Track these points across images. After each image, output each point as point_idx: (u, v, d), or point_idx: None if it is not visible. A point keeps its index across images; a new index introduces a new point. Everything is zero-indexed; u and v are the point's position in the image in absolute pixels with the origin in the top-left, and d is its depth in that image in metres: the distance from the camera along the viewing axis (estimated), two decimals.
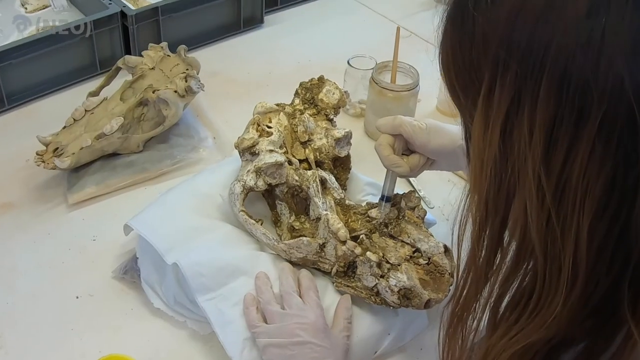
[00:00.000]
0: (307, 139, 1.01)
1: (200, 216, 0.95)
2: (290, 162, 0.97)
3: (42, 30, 1.32)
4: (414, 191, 0.94)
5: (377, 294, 0.86)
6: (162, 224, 0.93)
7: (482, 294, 0.51)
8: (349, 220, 0.94)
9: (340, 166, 1.04)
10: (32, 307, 0.91)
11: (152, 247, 0.89)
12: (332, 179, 0.99)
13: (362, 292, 0.87)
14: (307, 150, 1.00)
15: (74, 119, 1.09)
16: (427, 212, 0.92)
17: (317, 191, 0.94)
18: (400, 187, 0.95)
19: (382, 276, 0.86)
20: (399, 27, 1.19)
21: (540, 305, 0.46)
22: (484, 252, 0.49)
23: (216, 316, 0.85)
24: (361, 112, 1.29)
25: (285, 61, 1.44)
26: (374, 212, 0.94)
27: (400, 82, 1.19)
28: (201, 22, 1.43)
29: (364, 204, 0.97)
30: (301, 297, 0.85)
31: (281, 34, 1.54)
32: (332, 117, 1.06)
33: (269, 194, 0.98)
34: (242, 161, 0.98)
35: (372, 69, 1.20)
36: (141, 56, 1.17)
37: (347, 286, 0.88)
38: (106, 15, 1.28)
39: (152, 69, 1.15)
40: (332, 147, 1.01)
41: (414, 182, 1.13)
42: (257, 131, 0.99)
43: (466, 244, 0.52)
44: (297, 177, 0.95)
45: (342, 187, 1.02)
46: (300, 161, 1.00)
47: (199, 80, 1.14)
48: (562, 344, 0.49)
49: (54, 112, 1.20)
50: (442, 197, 1.10)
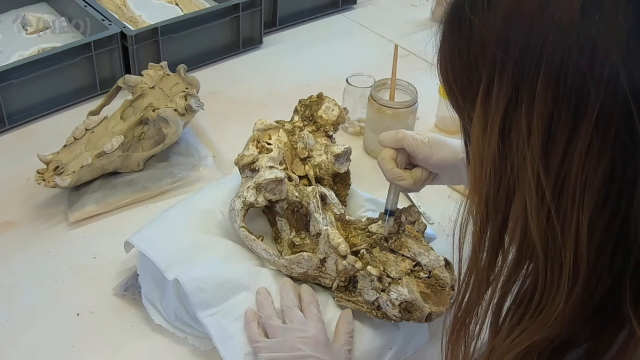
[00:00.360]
0: (306, 155, 1.02)
1: (200, 232, 0.95)
2: (290, 179, 0.97)
3: (42, 51, 1.33)
4: (413, 205, 0.94)
5: (378, 308, 0.86)
6: (162, 241, 0.93)
7: (484, 297, 0.51)
8: (350, 235, 0.95)
9: (340, 182, 1.04)
10: (32, 324, 0.90)
11: (153, 263, 0.89)
12: (332, 194, 0.99)
13: (363, 307, 0.87)
14: (306, 166, 1.01)
15: (75, 138, 1.09)
16: (427, 226, 0.93)
17: (317, 207, 0.94)
18: (399, 203, 0.95)
19: (383, 290, 0.86)
20: (397, 45, 1.20)
21: (542, 304, 0.46)
22: (485, 254, 0.50)
23: (217, 331, 0.85)
24: (360, 130, 1.30)
25: (284, 81, 1.45)
26: (374, 227, 0.94)
27: (398, 100, 1.19)
28: (200, 43, 1.44)
29: (364, 220, 0.97)
30: (302, 311, 0.85)
31: (280, 54, 1.55)
32: (331, 133, 1.06)
33: (269, 210, 0.99)
34: (242, 178, 0.99)
35: (371, 86, 1.21)
36: (141, 75, 1.17)
37: (348, 300, 0.88)
38: (106, 36, 1.29)
39: (152, 88, 1.16)
40: (332, 163, 1.01)
41: (414, 199, 1.14)
42: (256, 148, 0.99)
43: (467, 248, 0.52)
44: (297, 193, 0.95)
45: (342, 203, 1.02)
46: (300, 177, 1.00)
47: (199, 99, 1.15)
48: (564, 344, 0.49)
49: (54, 132, 1.21)
50: (442, 213, 1.11)
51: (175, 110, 1.11)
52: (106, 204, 1.08)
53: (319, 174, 1.01)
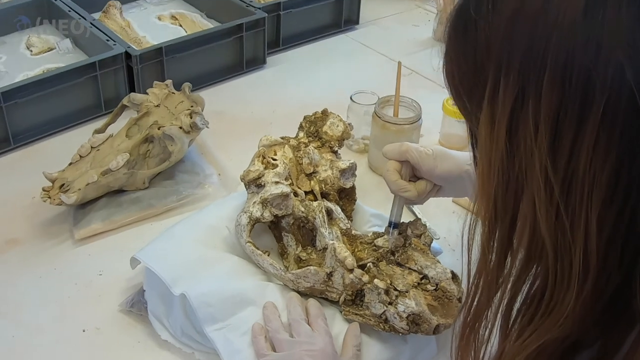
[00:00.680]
0: (312, 170, 1.02)
1: (206, 248, 0.95)
2: (296, 194, 0.97)
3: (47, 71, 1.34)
4: (419, 219, 0.94)
5: (386, 321, 0.86)
6: (168, 256, 0.93)
7: (493, 299, 0.51)
8: (356, 250, 0.94)
9: (345, 198, 1.04)
10: (38, 341, 0.90)
11: (159, 279, 0.89)
12: (338, 209, 0.99)
13: (370, 320, 0.87)
14: (312, 182, 1.01)
15: (80, 156, 1.09)
16: (433, 239, 0.92)
17: (324, 221, 0.94)
18: (405, 218, 0.95)
19: (390, 303, 0.85)
20: (400, 62, 1.21)
21: (553, 303, 0.46)
22: (494, 255, 0.49)
23: (224, 346, 0.84)
24: (364, 148, 1.30)
25: (288, 100, 1.45)
26: (380, 241, 0.94)
27: (402, 116, 1.20)
28: (205, 63, 1.45)
29: (370, 234, 0.97)
30: (310, 325, 0.85)
31: (284, 74, 1.56)
32: (336, 149, 1.07)
33: (275, 226, 0.99)
34: (248, 193, 0.99)
35: (375, 104, 1.21)
36: (146, 94, 1.18)
37: (356, 314, 0.88)
38: (111, 55, 1.30)
39: (157, 106, 1.16)
40: (337, 179, 1.01)
41: (419, 214, 1.14)
42: (262, 163, 0.99)
43: (476, 251, 0.52)
44: (303, 208, 0.95)
45: (348, 218, 1.02)
46: (305, 193, 1.00)
47: (204, 116, 1.15)
48: (575, 345, 0.49)
49: (59, 152, 1.21)
50: (448, 228, 1.10)
51: (180, 127, 1.12)
52: (112, 222, 1.08)
53: (324, 189, 1.01)
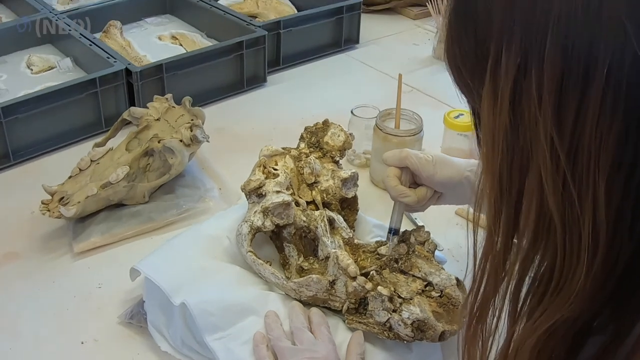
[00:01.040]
0: (313, 180, 1.01)
1: (207, 258, 0.94)
2: (297, 203, 0.96)
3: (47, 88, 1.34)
4: (422, 226, 0.93)
5: (390, 328, 0.84)
6: (169, 267, 0.92)
7: (501, 284, 0.49)
8: (359, 259, 0.93)
9: (347, 208, 1.03)
10: (35, 353, 0.88)
11: (159, 290, 0.88)
12: (340, 219, 0.98)
13: (374, 328, 0.85)
14: (313, 192, 1.00)
15: (80, 169, 1.09)
16: (437, 246, 0.91)
17: (325, 230, 0.93)
18: (405, 228, 0.94)
19: (394, 310, 0.84)
20: (400, 75, 1.21)
21: (562, 280, 0.45)
22: (500, 235, 0.48)
23: (225, 355, 0.83)
24: (366, 162, 1.29)
25: (289, 116, 1.45)
26: (383, 250, 0.93)
27: (404, 128, 1.19)
28: (205, 80, 1.45)
29: (373, 243, 0.96)
30: (312, 333, 0.83)
31: (284, 92, 1.56)
32: (337, 159, 1.06)
33: (277, 236, 0.97)
34: (249, 204, 0.98)
35: (376, 117, 1.21)
36: (146, 108, 1.18)
37: (359, 322, 0.86)
38: (111, 72, 1.30)
39: (158, 119, 1.16)
40: (339, 188, 1.00)
41: (419, 223, 1.12)
42: (263, 173, 0.99)
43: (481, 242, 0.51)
44: (304, 218, 0.94)
45: (350, 228, 1.01)
46: (307, 203, 0.99)
47: (204, 130, 1.14)
48: (586, 329, 0.48)
49: (59, 168, 1.20)
50: (451, 240, 1.09)
51: (180, 140, 1.11)
52: (111, 235, 1.07)
53: (326, 199, 1.00)
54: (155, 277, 0.89)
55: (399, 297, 0.84)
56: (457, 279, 0.86)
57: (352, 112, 1.26)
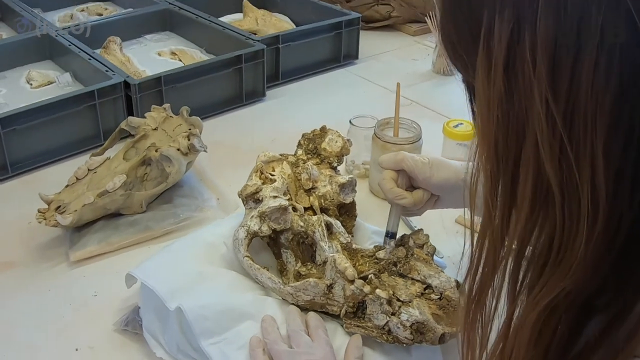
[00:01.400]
0: (311, 186, 1.00)
1: (204, 264, 0.93)
2: (294, 209, 0.95)
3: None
4: (421, 229, 0.92)
5: (389, 332, 0.83)
6: (164, 272, 0.91)
7: (500, 262, 0.48)
8: (357, 263, 0.92)
9: (345, 214, 1.02)
10: None
11: (155, 295, 0.87)
12: (338, 224, 0.97)
13: (373, 331, 0.84)
14: (311, 197, 0.99)
15: (77, 178, 1.08)
16: (436, 249, 0.90)
17: (323, 235, 0.92)
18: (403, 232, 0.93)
19: (393, 314, 0.82)
20: (398, 84, 1.21)
21: (562, 250, 0.44)
22: (498, 209, 0.47)
23: None
24: (365, 173, 1.29)
25: (288, 129, 1.44)
26: (381, 254, 0.91)
27: (402, 137, 1.19)
28: (204, 94, 1.45)
29: (371, 248, 0.95)
30: (309, 336, 0.82)
31: (283, 106, 1.55)
32: (335, 165, 1.05)
33: (274, 242, 0.96)
34: (246, 209, 0.97)
35: (374, 126, 1.21)
36: (144, 118, 1.17)
37: (357, 326, 0.85)
38: (110, 84, 1.30)
39: (155, 129, 1.15)
40: (337, 194, 1.00)
41: (416, 228, 1.11)
42: (260, 178, 0.98)
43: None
44: (302, 223, 0.93)
45: (348, 234, 1.00)
46: (305, 209, 0.98)
47: (201, 140, 1.14)
48: (588, 308, 0.46)
49: (57, 181, 1.19)
50: (451, 248, 1.08)
51: (178, 149, 1.11)
52: (108, 244, 1.06)
53: (324, 204, 0.99)
54: (150, 282, 0.88)
55: (398, 300, 0.83)
56: (456, 281, 0.85)
57: (350, 122, 1.26)
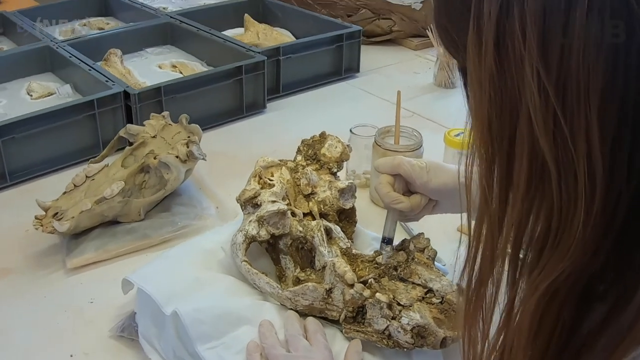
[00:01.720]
0: (310, 191, 0.99)
1: (201, 269, 0.91)
2: (293, 214, 0.94)
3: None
4: (422, 233, 0.90)
5: (389, 336, 0.81)
6: (162, 277, 0.89)
7: (497, 247, 0.47)
8: (357, 269, 0.90)
9: (345, 219, 1.01)
10: None
11: (151, 300, 0.85)
12: (338, 229, 0.95)
13: (373, 336, 0.82)
14: (310, 203, 0.98)
15: (75, 185, 1.07)
16: (437, 253, 0.89)
17: (322, 240, 0.91)
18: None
19: (393, 318, 0.81)
20: (399, 91, 1.20)
21: (560, 230, 0.42)
22: (495, 192, 0.46)
23: None
24: (366, 182, 1.28)
25: (288, 140, 1.42)
26: (380, 259, 0.90)
27: (403, 144, 1.18)
28: (205, 105, 1.44)
29: (371, 253, 0.93)
30: (308, 340, 0.81)
31: (284, 118, 1.55)
32: (335, 170, 1.04)
33: (273, 248, 0.95)
34: (244, 214, 0.96)
35: (375, 134, 1.20)
36: (143, 126, 1.17)
37: (357, 331, 0.83)
38: (110, 94, 1.30)
39: (154, 137, 1.15)
40: (337, 199, 0.98)
41: (413, 232, 1.10)
42: (258, 183, 0.97)
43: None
44: (301, 228, 0.92)
45: (348, 240, 0.98)
46: (304, 215, 0.97)
47: (200, 147, 1.13)
48: (590, 293, 0.45)
49: (55, 190, 1.17)
50: (453, 256, 1.06)
51: (176, 157, 1.10)
52: (105, 251, 1.05)
53: (323, 210, 0.98)
54: (146, 287, 0.86)
55: (398, 304, 0.82)
56: (458, 285, 0.83)
57: (351, 130, 1.25)
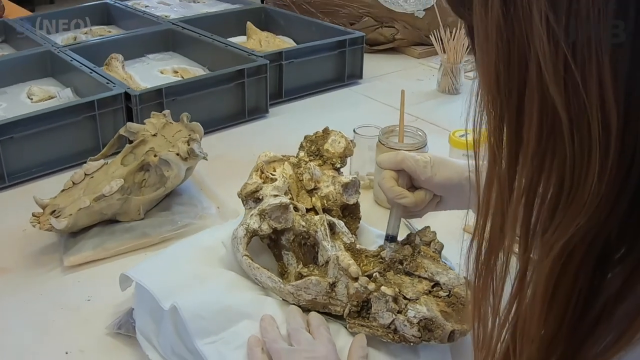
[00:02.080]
0: (313, 186, 0.97)
1: (201, 265, 0.89)
2: (296, 208, 0.92)
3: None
4: (428, 227, 0.88)
5: (395, 330, 0.79)
6: (161, 272, 0.87)
7: (507, 212, 0.44)
8: (361, 264, 0.88)
9: (349, 215, 0.98)
10: None
11: (149, 296, 0.83)
12: (342, 224, 0.93)
13: (378, 330, 0.79)
14: (313, 198, 0.96)
15: (73, 182, 1.05)
16: (443, 246, 0.86)
17: (326, 234, 0.88)
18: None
19: (399, 311, 0.78)
20: (403, 90, 1.18)
21: (574, 186, 0.40)
22: (504, 151, 0.44)
23: None
24: (370, 184, 1.26)
25: (291, 144, 1.40)
26: (384, 254, 0.88)
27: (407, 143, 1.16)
28: (206, 109, 1.42)
29: (376, 248, 0.91)
30: (311, 334, 0.78)
31: (286, 123, 1.53)
32: (338, 166, 1.02)
33: (275, 244, 0.92)
34: (246, 209, 0.93)
35: (379, 134, 1.18)
36: (143, 124, 1.15)
37: (362, 326, 0.81)
38: (110, 95, 1.28)
39: (154, 135, 1.13)
40: (340, 194, 0.96)
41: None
42: (260, 178, 0.95)
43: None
44: (303, 223, 0.89)
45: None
46: (307, 210, 0.95)
47: (201, 146, 1.11)
48: (607, 258, 0.42)
49: (54, 192, 1.15)
50: (460, 255, 1.04)
51: (177, 154, 1.08)
52: (104, 250, 1.02)
53: (326, 205, 0.95)
54: (145, 282, 0.84)
55: (404, 297, 0.79)
56: (465, 278, 0.81)
57: (354, 131, 1.23)
